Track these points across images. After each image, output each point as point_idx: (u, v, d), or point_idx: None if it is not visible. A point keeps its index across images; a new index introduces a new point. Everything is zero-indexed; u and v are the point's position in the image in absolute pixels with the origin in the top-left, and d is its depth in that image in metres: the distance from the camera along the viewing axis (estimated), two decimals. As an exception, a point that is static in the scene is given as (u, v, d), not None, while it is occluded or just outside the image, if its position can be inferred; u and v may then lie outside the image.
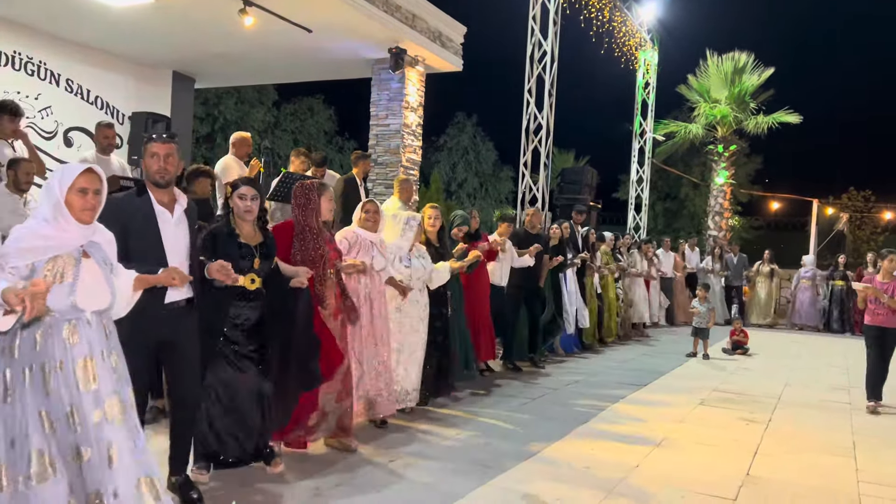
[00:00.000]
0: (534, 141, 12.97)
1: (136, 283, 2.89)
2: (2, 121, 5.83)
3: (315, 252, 4.16)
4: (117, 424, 2.59)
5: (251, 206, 3.71)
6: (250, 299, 3.69)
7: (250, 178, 3.91)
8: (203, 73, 11.93)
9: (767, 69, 18.27)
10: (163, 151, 3.25)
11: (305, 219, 4.22)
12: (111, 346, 2.71)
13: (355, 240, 4.89)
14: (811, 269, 14.65)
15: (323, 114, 29.94)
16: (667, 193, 32.77)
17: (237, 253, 3.62)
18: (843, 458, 4.85)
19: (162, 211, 3.24)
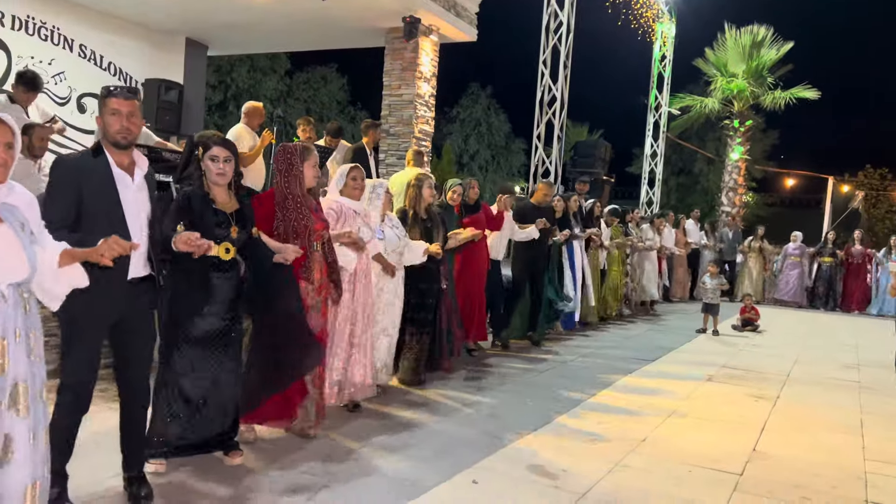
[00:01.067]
0: (548, 113, 12.87)
1: (63, 258, 2.43)
2: (18, 91, 5.86)
3: (299, 223, 3.85)
4: (21, 415, 2.27)
5: (224, 169, 3.37)
6: (225, 270, 3.38)
7: (223, 137, 3.58)
8: (216, 41, 11.86)
9: (787, 43, 17.97)
10: (125, 108, 2.87)
11: (288, 186, 3.88)
12: (29, 323, 2.35)
13: (341, 211, 4.52)
14: (798, 245, 14.54)
15: (336, 83, 29.81)
16: (680, 168, 32.55)
17: (212, 220, 3.32)
18: (850, 436, 4.86)
19: (122, 175, 2.88)
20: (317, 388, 3.98)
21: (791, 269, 14.44)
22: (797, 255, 14.40)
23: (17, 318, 2.29)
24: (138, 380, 3.05)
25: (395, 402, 4.92)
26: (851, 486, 3.83)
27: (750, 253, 14.63)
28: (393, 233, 5.10)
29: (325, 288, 4.04)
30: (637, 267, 11.33)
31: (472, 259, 6.50)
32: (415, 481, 3.44)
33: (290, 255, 3.64)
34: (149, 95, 10.03)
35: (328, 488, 3.29)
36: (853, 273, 13.96)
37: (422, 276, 5.42)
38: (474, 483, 3.48)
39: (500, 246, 7.17)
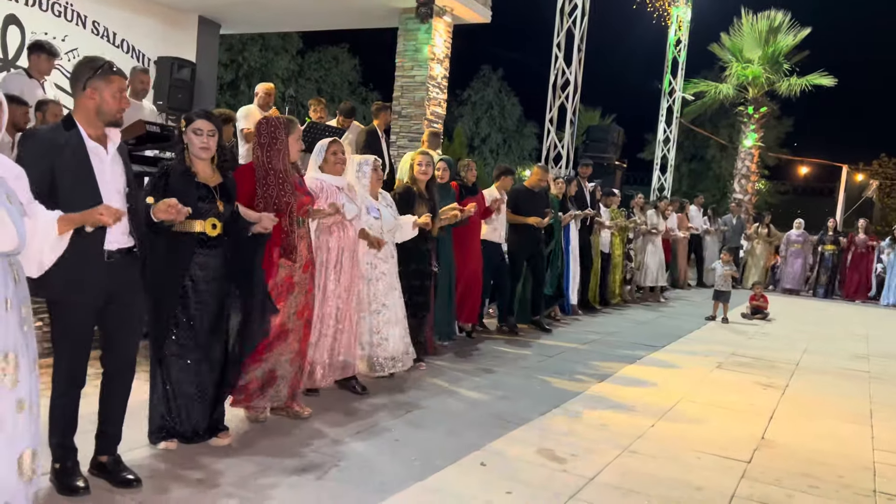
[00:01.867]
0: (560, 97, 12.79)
1: (61, 224, 2.49)
2: (39, 59, 5.85)
3: (281, 199, 3.71)
4: (8, 387, 2.28)
5: (208, 143, 3.29)
6: (212, 246, 3.31)
7: (207, 111, 3.50)
8: (229, 19, 11.81)
9: (804, 29, 17.77)
10: (124, 86, 2.87)
11: (269, 160, 3.74)
12: (19, 295, 2.36)
13: (320, 187, 4.31)
14: (801, 232, 14.45)
15: (347, 63, 29.68)
16: (693, 154, 32.34)
17: (195, 194, 3.23)
18: (858, 426, 4.85)
19: (95, 147, 2.82)
20: (293, 366, 3.89)
21: (794, 257, 14.38)
22: (800, 242, 14.33)
23: (6, 288, 2.30)
24: (122, 357, 3.00)
25: (403, 384, 4.94)
26: (859, 476, 3.83)
27: (756, 239, 14.55)
28: (389, 212, 5.00)
29: (311, 265, 3.96)
30: (640, 251, 11.09)
31: (465, 241, 6.47)
32: (423, 462, 3.46)
33: (267, 222, 3.51)
34: (161, 73, 10.02)
35: (337, 467, 3.31)
36: (856, 262, 13.88)
37: (417, 258, 5.37)
38: (482, 465, 3.50)
39: (503, 230, 7.10)
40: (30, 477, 2.38)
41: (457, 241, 6.43)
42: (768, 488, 3.52)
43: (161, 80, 9.91)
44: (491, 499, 3.11)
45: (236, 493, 2.95)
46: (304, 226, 3.91)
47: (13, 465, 2.32)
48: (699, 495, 3.36)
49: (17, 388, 2.31)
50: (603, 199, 9.84)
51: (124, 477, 2.94)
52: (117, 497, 2.83)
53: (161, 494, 2.88)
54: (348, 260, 4.47)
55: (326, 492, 3.05)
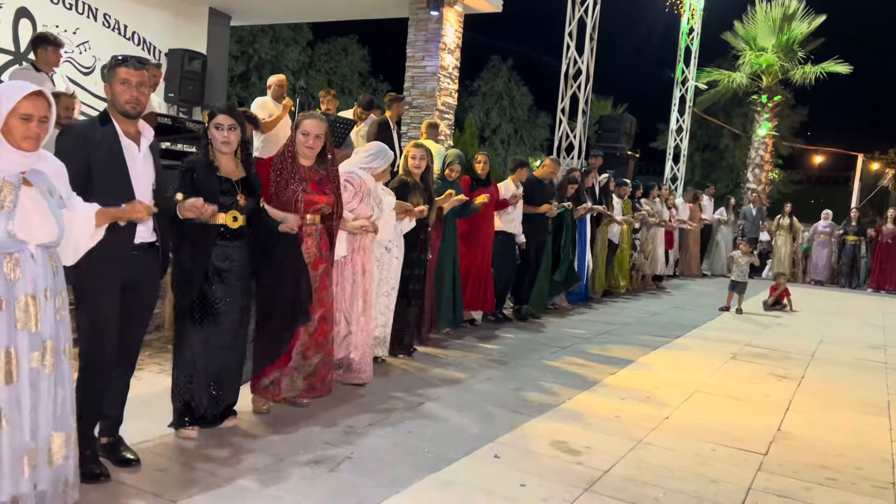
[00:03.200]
0: (572, 86, 12.71)
1: (99, 217, 2.60)
2: (46, 52, 5.86)
3: (283, 193, 3.77)
4: (47, 371, 2.40)
5: (229, 137, 3.38)
6: (233, 238, 3.39)
7: (230, 105, 3.61)
8: (239, 10, 11.80)
9: (818, 16, 17.53)
10: (135, 79, 2.90)
11: (282, 154, 3.86)
12: (57, 286, 2.48)
13: (360, 185, 4.48)
14: (829, 223, 14.32)
15: (357, 54, 29.62)
16: (706, 144, 32.08)
17: (217, 187, 3.33)
18: (876, 417, 4.80)
19: (129, 143, 2.91)
20: (307, 359, 3.92)
21: (821, 248, 14.29)
22: (827, 233, 14.23)
23: (46, 278, 2.41)
24: (126, 345, 3.03)
25: (412, 376, 4.93)
26: (877, 468, 3.79)
27: (779, 231, 14.44)
28: (389, 200, 5.03)
29: (323, 263, 3.96)
30: (649, 241, 11.04)
31: (477, 231, 6.55)
32: (437, 454, 3.45)
33: (292, 223, 3.65)
34: (172, 65, 10.02)
35: (350, 459, 3.30)
36: (884, 252, 13.69)
37: (413, 247, 5.40)
38: (496, 457, 3.48)
39: (518, 220, 7.11)
40: (58, 462, 2.45)
41: (468, 231, 6.48)
42: (785, 481, 3.48)
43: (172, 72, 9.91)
44: (505, 491, 3.09)
45: (249, 485, 2.95)
46: (316, 224, 3.90)
47: (45, 443, 2.41)
48: (715, 488, 3.32)
49: (53, 372, 2.42)
50: (616, 189, 9.79)
51: (124, 456, 3.03)
52: (132, 489, 2.83)
53: (175, 486, 2.88)
54: (362, 259, 4.56)
55: (340, 484, 3.04)
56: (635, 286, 10.84)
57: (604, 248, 9.39)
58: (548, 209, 7.36)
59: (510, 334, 6.65)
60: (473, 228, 6.55)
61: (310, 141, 3.79)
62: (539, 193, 7.43)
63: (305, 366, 3.92)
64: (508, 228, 7.03)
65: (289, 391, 3.91)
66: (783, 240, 14.47)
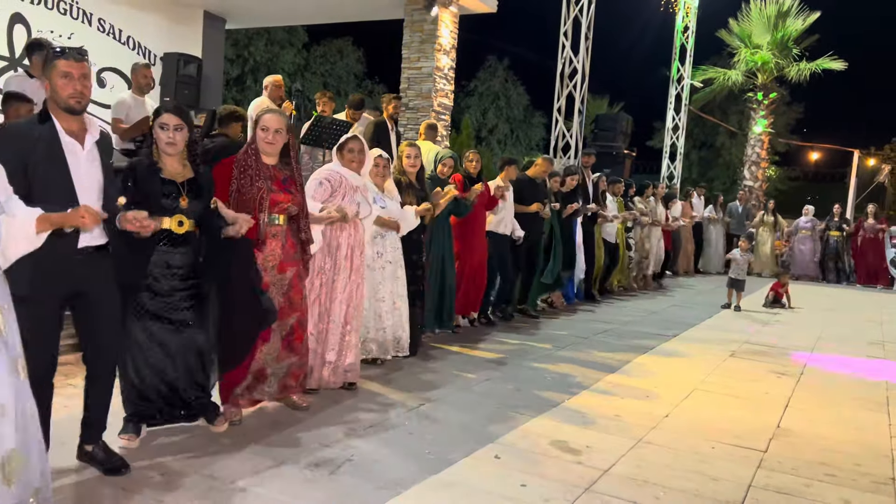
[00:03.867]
0: (568, 86, 12.72)
1: (40, 224, 2.40)
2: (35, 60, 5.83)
3: (246, 192, 3.60)
4: None
5: (174, 138, 3.19)
6: (179, 244, 3.22)
7: (176, 104, 3.39)
8: (234, 14, 11.80)
9: (813, 13, 17.60)
10: (77, 71, 2.71)
11: (246, 152, 3.69)
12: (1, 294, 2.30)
13: (340, 183, 4.36)
14: (810, 219, 14.41)
15: (352, 56, 29.63)
16: (702, 142, 32.13)
17: (159, 190, 3.15)
18: (876, 413, 4.81)
19: (70, 142, 2.72)
20: (280, 362, 3.80)
21: (802, 244, 14.38)
22: (808, 228, 14.33)
23: None
24: (101, 351, 2.93)
25: (411, 377, 4.92)
26: (877, 464, 3.79)
27: (763, 227, 14.50)
28: (394, 203, 5.05)
29: (293, 266, 3.78)
30: (644, 240, 10.89)
31: (470, 232, 6.46)
32: (437, 456, 3.45)
33: (242, 226, 3.40)
34: (168, 69, 10.02)
35: (351, 462, 3.30)
36: (866, 247, 13.84)
37: (410, 248, 5.35)
38: (496, 458, 3.48)
39: (508, 220, 7.00)
40: (11, 481, 2.24)
41: (461, 232, 6.39)
42: (785, 477, 3.49)
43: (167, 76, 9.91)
44: (506, 492, 3.09)
45: (250, 488, 2.95)
46: (281, 224, 3.72)
47: None
48: (715, 486, 3.33)
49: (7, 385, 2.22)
50: (610, 187, 9.69)
51: (112, 463, 2.96)
52: (136, 496, 2.83)
53: (176, 489, 2.88)
54: (358, 259, 4.49)
55: (340, 486, 3.04)
56: (637, 285, 10.76)
57: (599, 247, 9.31)
58: (538, 208, 7.28)
59: (507, 335, 6.65)
60: (467, 229, 6.45)
61: (269, 136, 3.64)
62: (531, 193, 7.36)
63: (279, 369, 3.82)
64: (497, 229, 6.91)
65: (265, 395, 3.82)
66: (766, 236, 14.54)
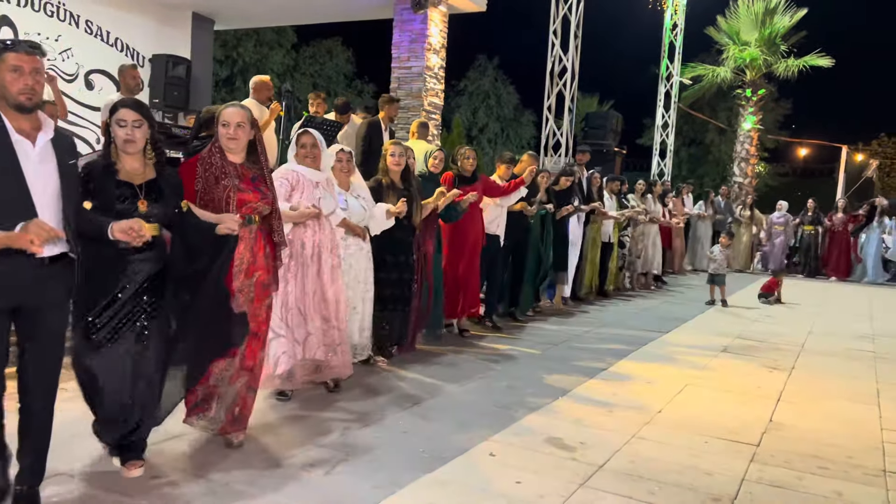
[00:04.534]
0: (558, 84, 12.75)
1: None
2: None
3: (212, 193, 3.30)
4: None
5: (133, 135, 2.94)
6: (137, 251, 2.91)
7: (135, 100, 3.12)
8: (223, 15, 11.77)
9: (800, 10, 17.71)
10: (28, 65, 2.48)
11: (210, 150, 3.40)
12: None
13: (297, 180, 4.13)
14: (783, 214, 14.63)
15: (342, 56, 29.61)
16: (692, 139, 32.29)
17: (113, 193, 2.88)
18: (866, 406, 4.84)
19: (21, 140, 2.47)
20: (234, 384, 3.40)
21: (775, 238, 14.59)
22: (781, 223, 14.56)
23: None
24: (43, 377, 2.63)
25: (405, 377, 4.93)
26: (868, 456, 3.82)
27: (743, 221, 14.63)
28: (358, 202, 4.75)
29: (262, 270, 3.44)
30: (640, 239, 10.70)
31: (463, 232, 6.20)
32: (432, 454, 3.45)
33: (232, 224, 3.18)
34: (156, 71, 10.00)
35: (346, 461, 3.30)
36: (836, 241, 14.09)
37: (392, 248, 5.12)
38: (491, 455, 3.49)
39: (501, 220, 6.76)
40: None
41: (453, 233, 6.17)
42: (778, 471, 3.51)
43: (156, 77, 9.88)
44: (501, 489, 3.10)
45: (246, 490, 2.94)
46: (249, 226, 3.39)
47: None
48: (709, 480, 3.34)
49: None
50: (608, 185, 9.57)
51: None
52: (131, 499, 2.82)
53: (171, 492, 2.87)
54: (326, 257, 4.24)
55: (336, 486, 3.04)
56: (635, 285, 10.63)
57: (595, 247, 9.14)
58: (523, 207, 6.99)
59: (500, 334, 6.66)
60: (461, 230, 6.20)
61: (230, 131, 3.33)
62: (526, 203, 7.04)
63: (230, 392, 3.40)
64: (489, 229, 6.64)
65: (212, 423, 3.41)
66: (743, 231, 14.70)
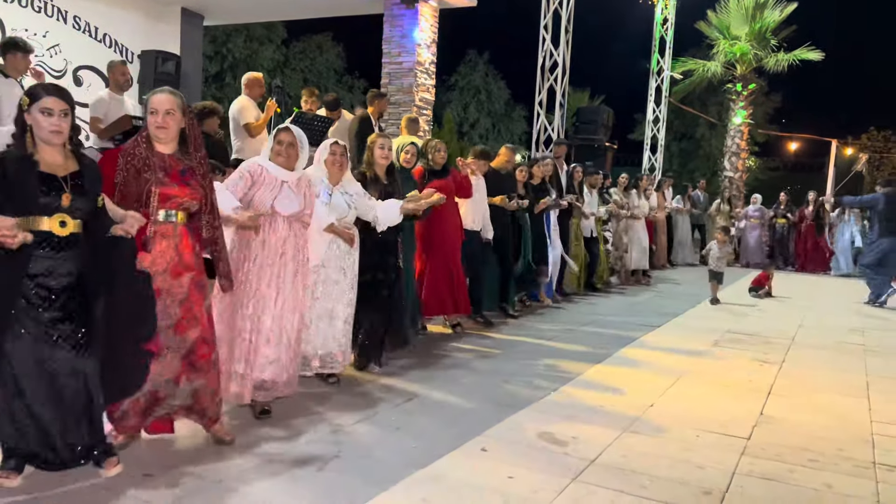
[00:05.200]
0: (549, 79, 12.74)
1: None
2: (15, 58, 5.78)
3: (133, 185, 3.08)
4: None
5: (60, 126, 2.78)
6: (61, 248, 2.74)
7: (58, 86, 2.93)
8: (212, 10, 11.71)
9: (790, 4, 17.74)
10: None
11: (135, 139, 3.17)
12: None
13: (260, 175, 3.82)
14: (758, 207, 14.75)
15: (331, 51, 29.51)
16: (683, 133, 32.33)
17: (36, 185, 2.70)
18: (856, 399, 4.87)
19: None
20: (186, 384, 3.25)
21: (751, 231, 14.69)
22: (757, 216, 14.68)
23: None
24: None
25: (395, 375, 4.93)
26: (859, 449, 3.84)
27: (718, 216, 14.70)
28: (342, 199, 4.43)
29: (191, 271, 3.21)
30: (624, 234, 10.52)
31: (440, 229, 5.95)
32: (424, 450, 3.45)
33: (131, 225, 2.92)
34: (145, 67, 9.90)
35: (338, 458, 3.30)
36: (807, 234, 14.26)
37: (377, 249, 4.80)
38: (483, 451, 3.49)
39: (476, 215, 6.55)
40: None
41: (431, 229, 5.89)
42: (769, 464, 3.53)
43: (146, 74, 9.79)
44: (493, 484, 3.10)
45: (238, 487, 2.93)
46: (176, 222, 3.18)
47: None
48: (701, 473, 3.36)
49: None
50: (587, 179, 9.28)
51: None
52: (120, 496, 2.80)
53: (161, 489, 2.86)
54: (289, 261, 3.88)
55: (329, 483, 3.04)
56: (623, 280, 10.51)
57: (577, 242, 8.95)
58: (502, 201, 6.87)
59: (491, 330, 6.66)
60: (431, 228, 5.90)
61: (159, 119, 3.13)
62: (495, 185, 6.89)
63: (181, 392, 3.25)
64: (471, 225, 6.47)
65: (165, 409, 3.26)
66: (720, 223, 14.73)
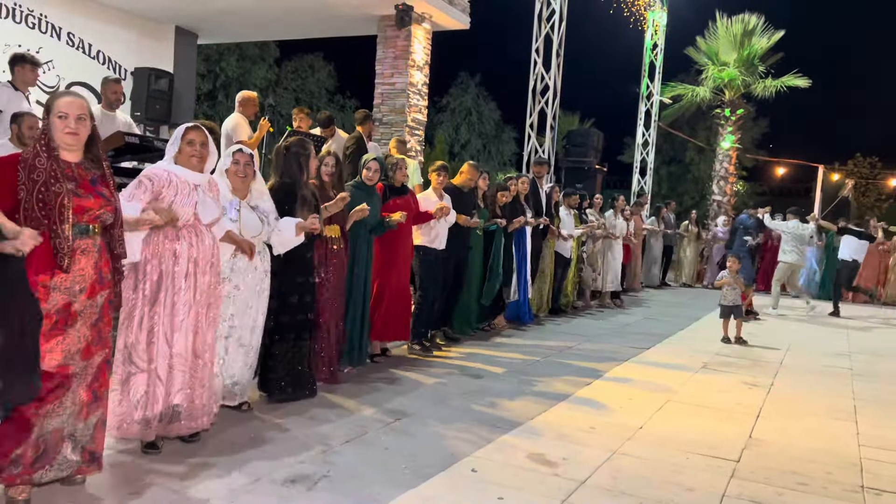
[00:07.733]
0: (540, 102, 12.85)
1: None
2: (24, 70, 5.81)
3: (44, 196, 2.73)
4: None
5: None
6: None
7: None
8: (206, 29, 11.78)
9: (777, 31, 18.01)
10: None
11: (35, 151, 2.79)
12: None
13: (166, 180, 3.42)
14: (725, 228, 14.77)
15: (323, 71, 29.64)
16: (672, 157, 32.58)
17: None
18: (844, 423, 4.89)
19: None
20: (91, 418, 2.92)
21: (719, 252, 14.64)
22: (723, 238, 14.64)
23: None
24: None
25: (385, 394, 4.91)
26: (846, 472, 3.86)
27: (688, 236, 14.81)
28: (252, 215, 4.01)
29: (105, 289, 2.93)
30: (600, 256, 10.25)
31: (392, 248, 5.73)
32: (414, 470, 3.43)
33: (24, 243, 2.57)
34: (139, 84, 9.95)
35: (327, 478, 3.28)
36: (769, 253, 14.25)
37: (294, 268, 4.43)
38: (473, 472, 3.48)
39: (443, 233, 6.29)
40: None
41: (381, 250, 5.66)
42: (758, 487, 3.53)
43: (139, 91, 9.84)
44: (483, 505, 3.09)
45: (225, 506, 2.91)
46: (94, 236, 2.89)
47: None
48: (690, 496, 3.36)
49: None
50: (565, 200, 9.14)
51: None
52: (104, 514, 2.78)
53: (149, 510, 2.84)
54: (204, 275, 3.54)
55: (317, 502, 3.01)
56: (585, 303, 10.10)
57: (551, 262, 8.76)
58: (464, 220, 6.52)
59: (479, 350, 6.65)
60: (387, 246, 5.70)
61: (71, 124, 2.81)
62: (459, 203, 6.54)
63: (84, 430, 2.90)
64: (433, 244, 6.24)
65: (63, 468, 2.84)
66: (689, 246, 14.96)
